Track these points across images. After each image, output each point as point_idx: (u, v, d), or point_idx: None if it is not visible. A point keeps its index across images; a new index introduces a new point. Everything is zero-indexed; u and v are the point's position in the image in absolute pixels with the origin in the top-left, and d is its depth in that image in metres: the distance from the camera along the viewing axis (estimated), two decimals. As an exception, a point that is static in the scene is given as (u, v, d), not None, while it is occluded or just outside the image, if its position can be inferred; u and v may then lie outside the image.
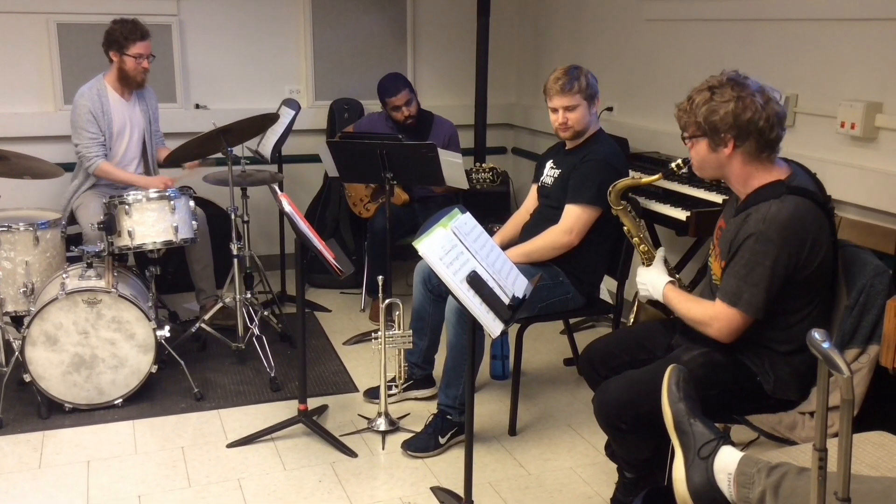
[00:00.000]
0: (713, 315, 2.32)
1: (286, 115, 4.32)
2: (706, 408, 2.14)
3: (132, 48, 3.92)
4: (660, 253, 2.62)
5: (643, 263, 2.65)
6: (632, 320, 2.79)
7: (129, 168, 4.12)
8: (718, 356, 2.37)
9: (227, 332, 3.91)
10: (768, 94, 2.26)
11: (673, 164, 2.55)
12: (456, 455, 3.12)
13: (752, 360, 2.36)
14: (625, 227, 2.73)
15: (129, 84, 4.03)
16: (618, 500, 2.72)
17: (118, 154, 4.07)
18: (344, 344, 4.20)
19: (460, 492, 2.72)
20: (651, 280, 2.54)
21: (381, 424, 3.31)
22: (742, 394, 2.37)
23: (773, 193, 2.24)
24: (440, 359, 3.39)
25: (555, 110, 3.22)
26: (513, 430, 3.33)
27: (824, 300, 2.35)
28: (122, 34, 3.91)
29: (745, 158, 2.28)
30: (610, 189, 2.73)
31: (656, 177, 2.66)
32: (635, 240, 2.70)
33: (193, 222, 3.73)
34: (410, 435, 3.22)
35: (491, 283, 2.36)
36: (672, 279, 2.52)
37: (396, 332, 3.37)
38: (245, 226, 4.02)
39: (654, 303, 2.66)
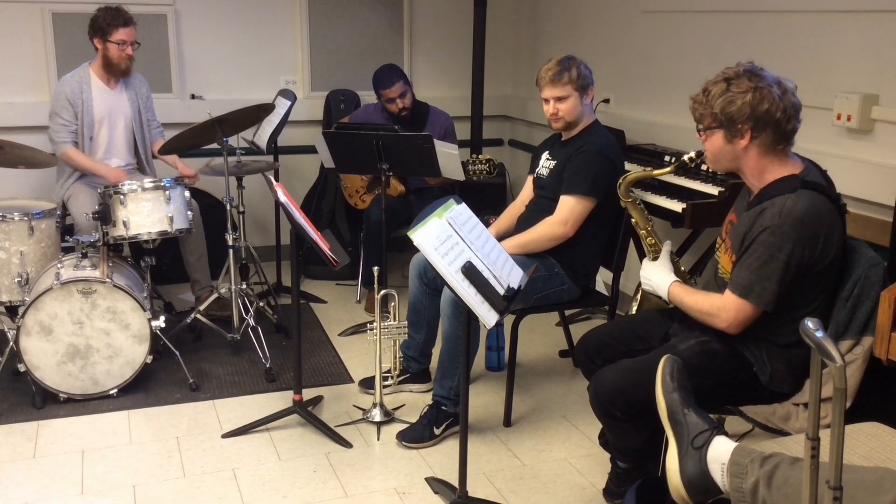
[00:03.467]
0: (721, 306, 2.31)
1: (282, 105, 4.31)
2: (701, 397, 2.15)
3: (115, 34, 3.91)
4: (666, 247, 2.60)
5: (649, 257, 2.63)
6: (635, 309, 2.77)
7: (114, 158, 4.12)
8: (716, 345, 2.37)
9: (223, 323, 3.91)
10: (785, 86, 2.24)
11: (686, 157, 2.51)
12: (451, 446, 3.12)
13: (751, 350, 2.36)
14: (633, 220, 2.70)
15: (114, 72, 4.01)
16: (610, 491, 2.73)
17: (102, 143, 4.06)
18: (339, 335, 4.20)
19: (455, 482, 2.72)
20: (657, 277, 2.53)
21: (376, 415, 3.31)
22: (737, 384, 2.37)
23: (788, 187, 2.23)
24: (436, 352, 3.39)
25: (546, 100, 3.22)
26: (508, 422, 3.33)
27: (829, 295, 2.35)
28: (105, 20, 3.91)
29: (760, 151, 2.26)
30: (620, 181, 2.69)
31: (668, 169, 2.59)
32: (643, 232, 2.66)
33: (189, 212, 3.72)
34: (405, 426, 3.22)
35: (486, 274, 2.36)
36: (677, 278, 2.50)
37: (392, 323, 3.37)
38: (240, 216, 4.02)
39: None
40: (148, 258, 3.71)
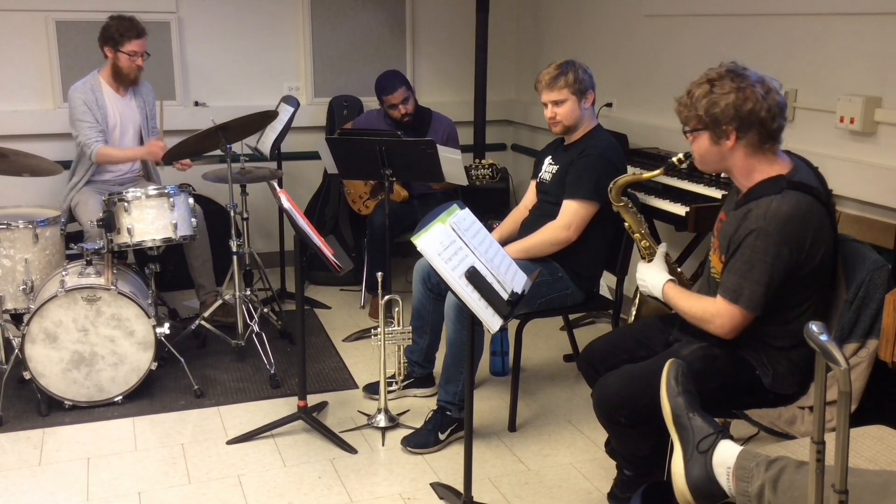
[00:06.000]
0: (714, 312, 2.31)
1: (285, 112, 4.32)
2: (705, 401, 2.14)
3: (127, 45, 3.92)
4: (661, 249, 2.60)
5: (644, 259, 2.64)
6: (633, 314, 2.77)
7: (124, 165, 4.13)
8: (717, 350, 2.36)
9: (227, 330, 3.91)
10: (768, 84, 2.23)
11: (674, 159, 2.53)
12: (456, 451, 3.12)
13: (751, 354, 2.36)
14: (626, 224, 2.71)
15: (123, 81, 4.04)
16: (615, 496, 2.72)
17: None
18: (343, 341, 4.20)
19: (460, 488, 2.72)
20: (651, 277, 2.53)
21: (381, 421, 3.31)
22: (741, 387, 2.37)
23: (774, 188, 2.22)
24: (440, 356, 3.39)
25: (545, 105, 3.23)
26: (512, 426, 3.33)
27: (823, 296, 2.34)
28: (118, 31, 3.91)
29: (747, 151, 2.26)
30: (611, 186, 2.69)
31: (657, 171, 2.60)
32: (636, 235, 2.67)
33: (193, 219, 3.73)
34: (410, 431, 3.22)
35: (490, 279, 2.36)
36: (672, 277, 2.51)
37: (396, 328, 3.37)
38: (244, 223, 4.02)
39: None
40: (152, 265, 3.72)
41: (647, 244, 2.64)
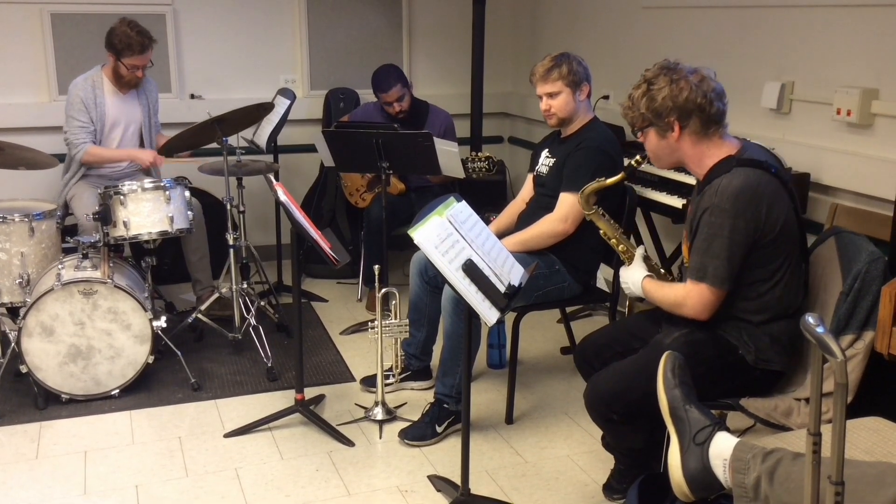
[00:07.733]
0: (685, 294, 2.37)
1: (281, 104, 4.31)
2: (696, 387, 2.16)
3: (127, 59, 3.88)
4: (639, 251, 2.64)
5: (624, 263, 2.66)
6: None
7: (123, 162, 4.12)
8: (699, 334, 2.40)
9: (224, 323, 3.91)
10: (702, 73, 2.35)
11: (632, 161, 2.60)
12: (453, 443, 3.13)
13: (731, 333, 2.40)
14: (601, 231, 2.73)
15: (122, 85, 4.01)
16: (611, 487, 2.75)
17: (113, 146, 4.06)
18: (341, 334, 4.20)
19: (457, 480, 2.73)
20: (631, 277, 2.59)
21: (378, 413, 3.31)
22: (727, 369, 2.40)
23: (724, 169, 2.32)
24: (437, 349, 3.39)
25: (540, 97, 3.24)
26: (509, 419, 3.33)
27: (792, 268, 2.37)
28: (122, 43, 3.84)
29: (693, 139, 2.36)
30: (578, 196, 2.72)
31: (619, 177, 2.67)
32: (612, 241, 2.71)
33: (189, 212, 3.72)
34: (407, 424, 3.23)
35: (487, 272, 2.36)
36: (649, 273, 2.55)
37: (393, 321, 3.37)
38: (241, 216, 4.02)
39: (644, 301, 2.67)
40: (149, 258, 3.71)
41: (625, 248, 2.68)
